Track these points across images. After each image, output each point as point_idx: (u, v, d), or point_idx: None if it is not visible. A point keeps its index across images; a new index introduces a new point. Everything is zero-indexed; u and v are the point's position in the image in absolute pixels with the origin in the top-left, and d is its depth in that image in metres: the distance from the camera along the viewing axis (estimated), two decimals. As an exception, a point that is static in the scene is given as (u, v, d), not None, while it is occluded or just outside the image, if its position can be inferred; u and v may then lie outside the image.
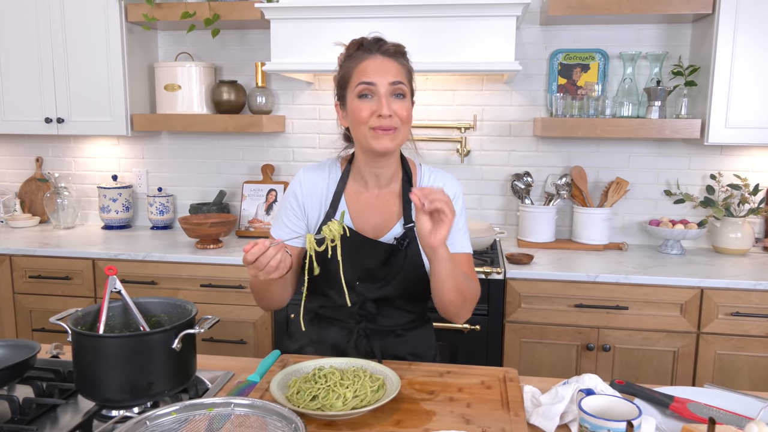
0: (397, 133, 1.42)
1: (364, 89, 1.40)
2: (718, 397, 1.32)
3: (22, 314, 2.78)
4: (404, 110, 1.42)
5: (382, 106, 1.39)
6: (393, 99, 1.41)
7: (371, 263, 1.49)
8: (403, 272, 1.50)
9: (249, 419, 1.00)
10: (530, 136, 2.98)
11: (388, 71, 1.41)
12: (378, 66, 1.41)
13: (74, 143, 3.33)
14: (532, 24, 2.89)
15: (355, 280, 1.49)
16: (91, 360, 1.18)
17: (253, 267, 1.26)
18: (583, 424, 1.05)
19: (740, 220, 2.73)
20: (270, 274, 1.27)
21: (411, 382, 1.38)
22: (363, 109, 1.40)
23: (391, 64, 1.42)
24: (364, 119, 1.41)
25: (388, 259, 1.49)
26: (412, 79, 1.50)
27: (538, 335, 2.45)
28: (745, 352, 2.34)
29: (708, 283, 2.34)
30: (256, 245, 1.25)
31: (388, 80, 1.40)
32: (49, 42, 2.89)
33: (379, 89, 1.40)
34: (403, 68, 1.45)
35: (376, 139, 1.41)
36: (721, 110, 2.52)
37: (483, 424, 1.20)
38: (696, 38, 2.75)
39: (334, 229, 1.36)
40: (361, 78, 1.40)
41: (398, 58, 1.45)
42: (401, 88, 1.42)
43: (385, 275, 1.50)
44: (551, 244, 2.85)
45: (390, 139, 1.41)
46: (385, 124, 1.39)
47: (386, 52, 1.43)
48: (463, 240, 1.54)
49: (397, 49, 1.46)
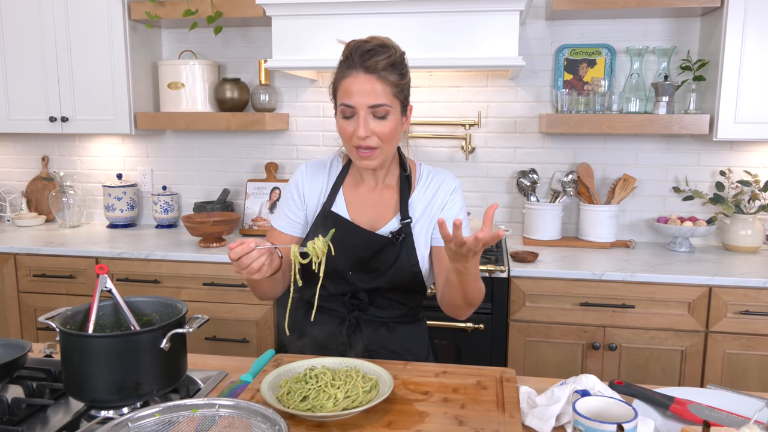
0: (377, 152, 1.43)
1: (345, 110, 1.40)
2: (720, 397, 1.28)
3: (27, 313, 2.79)
4: (386, 130, 1.40)
5: (359, 128, 1.39)
6: (373, 119, 1.40)
7: (364, 254, 1.50)
8: (396, 266, 1.50)
9: (235, 421, 0.98)
10: (536, 132, 2.94)
11: (368, 93, 1.37)
12: (359, 87, 1.38)
13: (79, 142, 3.33)
14: (538, 19, 2.85)
15: (347, 269, 1.50)
16: (78, 360, 1.16)
17: (236, 265, 1.29)
18: (577, 426, 1.03)
19: (750, 217, 2.67)
20: (251, 275, 1.29)
21: (405, 383, 1.36)
22: (346, 127, 1.42)
23: (373, 84, 1.37)
24: (347, 137, 1.43)
25: (382, 252, 1.50)
26: (404, 89, 1.44)
27: (542, 334, 2.42)
28: (754, 351, 2.30)
29: (716, 281, 2.29)
30: (242, 244, 1.27)
31: (368, 103, 1.38)
32: (52, 41, 2.89)
33: (359, 111, 1.38)
34: (387, 85, 1.39)
35: (359, 159, 1.45)
36: (730, 105, 2.47)
37: (476, 425, 1.17)
38: (704, 32, 2.70)
39: (318, 248, 1.35)
40: (342, 98, 1.41)
41: (383, 74, 1.38)
42: (383, 110, 1.39)
43: (377, 267, 1.51)
44: (557, 242, 2.81)
45: (369, 160, 1.44)
46: (363, 144, 1.40)
47: (369, 68, 1.37)
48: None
49: (386, 64, 1.38)
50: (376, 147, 1.41)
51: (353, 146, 1.42)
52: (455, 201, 1.56)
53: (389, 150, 1.46)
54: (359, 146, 1.41)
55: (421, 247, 1.52)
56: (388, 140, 1.42)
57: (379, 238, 1.50)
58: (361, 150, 1.42)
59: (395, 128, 1.43)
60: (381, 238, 1.50)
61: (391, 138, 1.42)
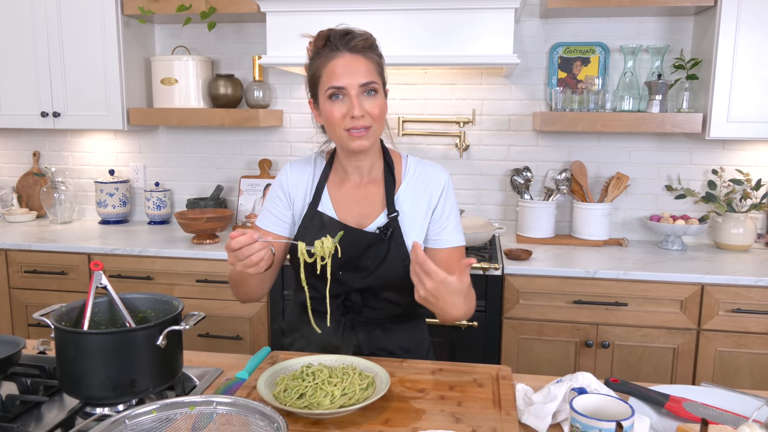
0: (371, 131, 1.42)
1: (334, 92, 1.39)
2: (714, 395, 1.29)
3: (18, 309, 2.77)
4: (377, 108, 1.41)
5: (353, 107, 1.38)
6: (364, 97, 1.40)
7: (353, 252, 1.47)
8: (387, 261, 1.48)
9: (232, 418, 0.98)
10: (530, 130, 2.94)
11: (357, 71, 1.38)
12: (346, 66, 1.38)
13: (71, 137, 3.31)
14: (532, 17, 2.86)
15: (338, 269, 1.47)
16: (73, 356, 1.15)
17: (234, 255, 1.26)
18: (574, 423, 1.03)
19: (742, 216, 2.69)
20: (248, 268, 1.27)
21: (402, 380, 1.36)
22: (335, 111, 1.40)
23: (360, 62, 1.39)
24: (337, 121, 1.41)
25: (371, 248, 1.48)
26: (383, 70, 1.46)
27: (536, 332, 2.43)
28: (746, 349, 2.31)
29: (708, 279, 2.31)
30: (244, 235, 1.25)
31: (359, 81, 1.38)
32: (44, 35, 2.87)
33: (350, 90, 1.38)
34: (372, 63, 1.41)
35: (352, 140, 1.42)
36: (723, 104, 2.49)
37: (473, 423, 1.17)
38: (698, 31, 2.71)
39: (327, 247, 1.34)
40: (330, 81, 1.39)
41: (367, 54, 1.41)
42: (372, 86, 1.40)
43: (368, 265, 1.48)
44: (550, 240, 2.82)
45: (364, 139, 1.42)
46: (358, 124, 1.39)
47: (354, 48, 1.39)
48: (454, 234, 1.53)
49: (366, 44, 1.41)
50: (370, 126, 1.41)
51: (344, 129, 1.40)
52: (447, 200, 1.53)
53: (379, 130, 1.45)
54: (352, 127, 1.40)
55: (411, 241, 1.49)
56: (379, 118, 1.42)
57: (367, 234, 1.48)
58: (354, 131, 1.40)
59: (384, 106, 1.44)
60: (369, 235, 1.48)
61: (382, 116, 1.43)
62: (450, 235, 1.52)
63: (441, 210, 1.52)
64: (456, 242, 1.52)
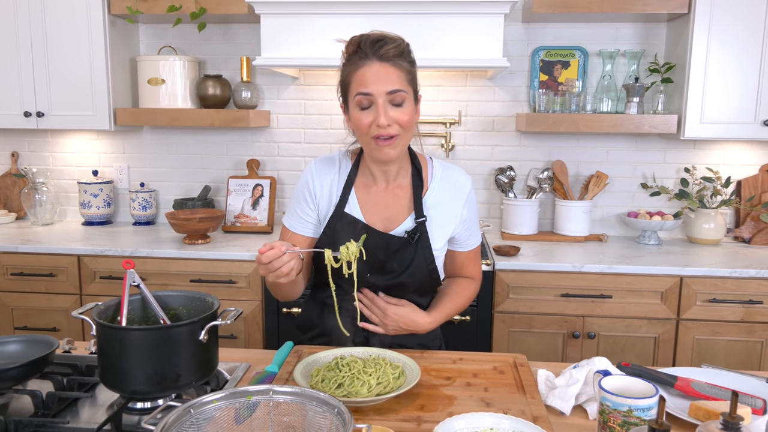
0: (398, 140, 1.43)
1: (362, 100, 1.41)
2: (716, 376, 1.40)
3: (4, 312, 2.73)
4: (405, 116, 1.42)
5: (379, 116, 1.39)
6: (391, 107, 1.41)
7: (381, 255, 1.51)
8: (413, 265, 1.53)
9: (291, 406, 1.03)
10: (513, 131, 3.05)
11: (385, 80, 1.39)
12: (375, 75, 1.39)
13: (51, 138, 3.26)
14: (515, 21, 2.96)
15: (366, 272, 1.50)
16: (118, 353, 1.18)
17: (265, 268, 1.31)
18: (604, 402, 1.11)
19: (713, 212, 2.85)
20: (279, 278, 1.31)
21: (427, 369, 1.42)
22: (363, 119, 1.42)
23: (389, 71, 1.40)
24: (364, 129, 1.43)
25: (399, 252, 1.52)
26: (415, 78, 1.48)
27: (525, 324, 2.52)
28: (721, 336, 2.46)
29: (687, 271, 2.44)
30: (272, 249, 1.29)
31: (386, 89, 1.39)
32: (28, 34, 2.82)
33: (377, 98, 1.39)
34: (402, 72, 1.42)
35: (378, 149, 1.44)
36: (696, 106, 2.63)
37: (503, 406, 1.25)
38: (671, 37, 2.86)
39: (352, 252, 1.37)
40: (358, 88, 1.40)
41: (396, 62, 1.41)
42: (400, 96, 1.41)
43: (395, 268, 1.53)
44: (534, 237, 2.92)
45: (391, 148, 1.43)
46: (384, 133, 1.41)
47: (383, 57, 1.40)
48: (475, 235, 1.64)
49: (397, 52, 1.41)
50: (396, 135, 1.42)
51: (372, 137, 1.42)
52: (471, 205, 1.60)
53: (407, 138, 1.47)
54: (379, 135, 1.42)
55: (437, 245, 1.55)
56: (407, 127, 1.43)
57: (395, 239, 1.51)
58: (380, 140, 1.42)
59: (412, 115, 1.44)
60: (397, 239, 1.51)
61: (409, 125, 1.44)
62: (472, 238, 1.63)
63: (467, 216, 1.59)
64: (476, 243, 1.65)
